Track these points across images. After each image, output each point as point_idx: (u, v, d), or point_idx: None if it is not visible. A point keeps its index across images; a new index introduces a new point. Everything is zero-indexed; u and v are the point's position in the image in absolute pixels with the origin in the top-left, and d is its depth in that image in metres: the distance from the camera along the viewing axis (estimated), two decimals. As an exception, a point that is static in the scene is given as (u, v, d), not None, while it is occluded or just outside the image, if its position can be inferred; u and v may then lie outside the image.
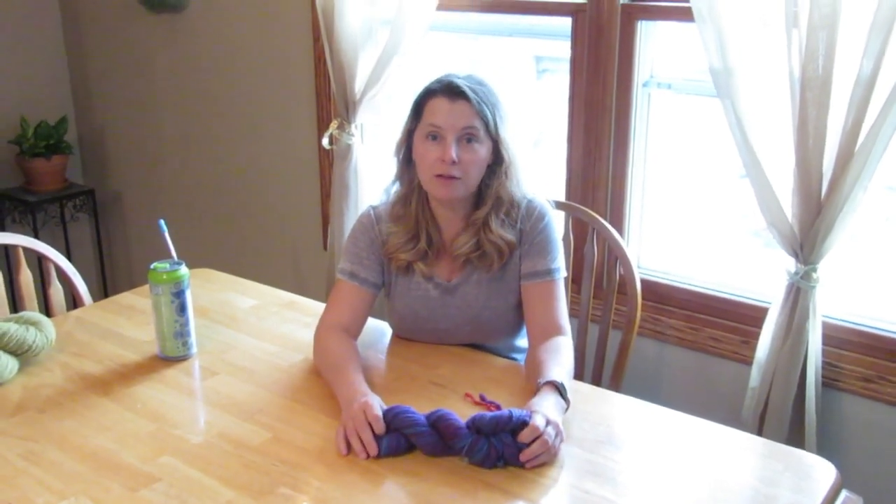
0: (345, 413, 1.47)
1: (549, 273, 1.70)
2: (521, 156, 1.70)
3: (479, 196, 1.71)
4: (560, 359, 1.59)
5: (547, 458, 1.37)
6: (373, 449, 1.39)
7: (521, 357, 1.83)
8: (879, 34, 1.65)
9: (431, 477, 1.35)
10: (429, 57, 2.57)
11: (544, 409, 1.41)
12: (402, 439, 1.40)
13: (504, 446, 1.36)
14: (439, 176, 1.63)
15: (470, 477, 1.35)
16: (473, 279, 1.73)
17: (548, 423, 1.38)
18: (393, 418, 1.41)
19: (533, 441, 1.36)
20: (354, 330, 1.73)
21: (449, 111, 1.62)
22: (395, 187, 1.76)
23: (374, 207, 1.78)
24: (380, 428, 1.40)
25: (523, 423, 1.37)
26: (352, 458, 1.40)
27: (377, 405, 1.44)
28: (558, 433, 1.39)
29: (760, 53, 1.83)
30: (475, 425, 1.39)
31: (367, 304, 1.75)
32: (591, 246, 2.08)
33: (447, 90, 1.63)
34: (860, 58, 1.68)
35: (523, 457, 1.36)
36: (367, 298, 1.74)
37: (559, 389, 1.48)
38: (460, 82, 1.63)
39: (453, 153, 1.60)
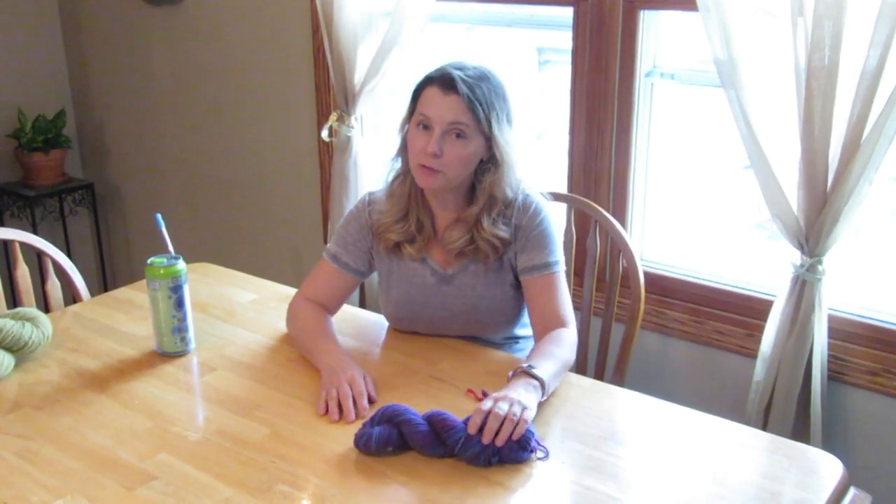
0: (327, 379, 1.53)
1: (547, 266, 1.69)
2: (518, 157, 1.68)
3: (473, 191, 1.70)
4: (550, 348, 1.58)
5: (512, 430, 1.33)
6: (352, 415, 1.46)
7: (517, 346, 1.82)
8: (886, 24, 1.63)
9: (431, 474, 1.33)
10: (429, 48, 2.55)
11: (500, 392, 1.41)
12: (393, 432, 1.37)
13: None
14: (421, 165, 1.62)
15: (470, 474, 1.33)
16: (470, 269, 1.72)
17: (496, 400, 1.37)
18: (385, 409, 1.39)
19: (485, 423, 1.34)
20: (330, 308, 1.78)
21: (440, 103, 1.60)
22: (398, 163, 1.75)
23: (371, 193, 1.79)
24: (363, 404, 1.48)
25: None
26: (351, 454, 1.38)
27: (361, 380, 1.52)
28: (512, 403, 1.37)
29: (765, 43, 1.81)
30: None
31: (346, 289, 1.79)
32: (593, 238, 2.06)
33: (442, 81, 1.61)
34: (866, 48, 1.66)
35: (484, 438, 1.33)
36: (347, 283, 1.78)
37: (528, 373, 1.46)
38: (456, 75, 1.60)
39: (435, 146, 1.59)
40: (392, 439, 1.36)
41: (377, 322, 1.86)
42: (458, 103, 1.59)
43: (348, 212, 1.81)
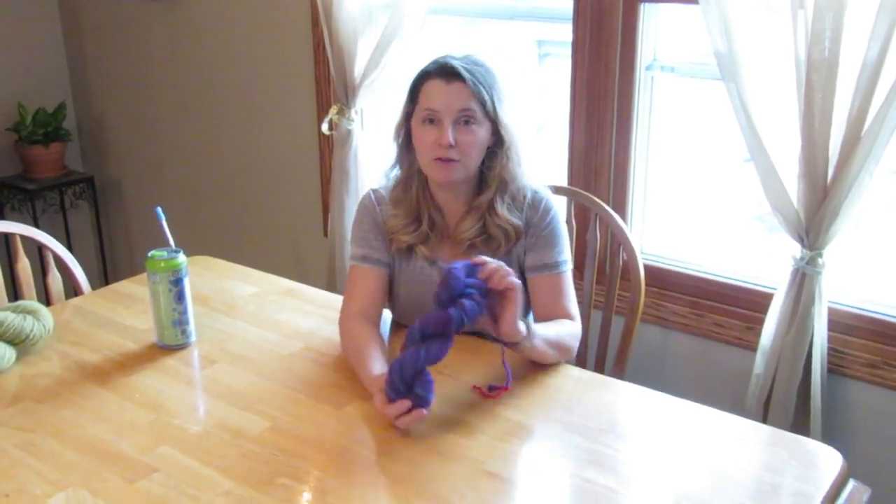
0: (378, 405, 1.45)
1: (556, 266, 1.69)
2: (522, 137, 1.68)
3: (482, 180, 1.69)
4: (551, 324, 1.60)
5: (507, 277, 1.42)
6: (404, 406, 1.38)
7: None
8: (887, 16, 1.62)
9: (432, 465, 1.34)
10: (429, 41, 2.55)
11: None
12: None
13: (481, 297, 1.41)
14: (438, 159, 1.61)
15: (470, 465, 1.33)
16: None
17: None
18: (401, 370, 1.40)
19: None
20: (375, 314, 1.71)
21: (445, 93, 1.60)
22: (395, 171, 1.74)
23: (374, 190, 1.77)
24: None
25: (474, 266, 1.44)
26: (350, 447, 1.39)
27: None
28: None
29: (766, 36, 1.80)
30: (439, 297, 1.41)
31: (384, 285, 1.73)
32: (593, 231, 2.06)
33: (442, 72, 1.61)
34: (867, 40, 1.65)
35: (491, 281, 1.41)
36: (382, 278, 1.73)
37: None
38: (455, 63, 1.60)
39: (450, 137, 1.59)
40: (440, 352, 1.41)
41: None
42: (463, 90, 1.59)
43: (357, 212, 1.77)
